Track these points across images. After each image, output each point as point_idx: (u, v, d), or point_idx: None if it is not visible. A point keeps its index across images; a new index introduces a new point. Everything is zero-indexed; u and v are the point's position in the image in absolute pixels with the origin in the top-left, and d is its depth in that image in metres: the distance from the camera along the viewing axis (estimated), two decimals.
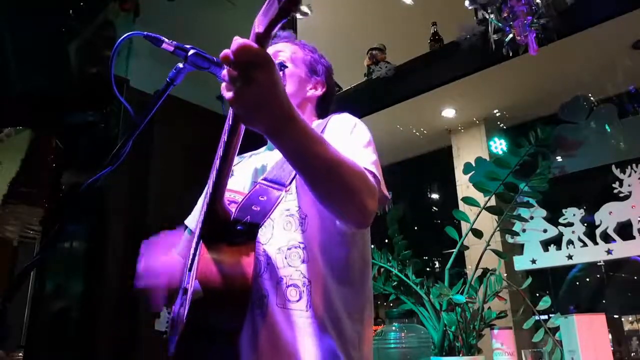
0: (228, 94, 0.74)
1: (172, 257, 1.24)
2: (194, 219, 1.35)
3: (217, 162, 0.89)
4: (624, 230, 2.56)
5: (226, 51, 0.71)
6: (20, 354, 3.07)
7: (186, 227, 1.39)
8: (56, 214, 2.99)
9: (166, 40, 1.08)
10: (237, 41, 0.70)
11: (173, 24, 3.08)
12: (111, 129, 2.78)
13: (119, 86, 1.14)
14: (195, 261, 0.91)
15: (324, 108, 1.32)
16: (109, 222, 2.63)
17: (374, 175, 0.98)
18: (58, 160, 3.10)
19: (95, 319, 2.48)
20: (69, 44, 3.18)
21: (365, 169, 0.96)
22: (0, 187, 3.15)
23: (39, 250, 3.23)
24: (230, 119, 0.82)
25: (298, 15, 0.74)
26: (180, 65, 1.08)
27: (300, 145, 0.81)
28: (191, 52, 1.08)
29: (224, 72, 0.73)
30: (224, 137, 0.85)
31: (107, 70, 2.79)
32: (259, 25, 0.69)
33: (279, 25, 0.67)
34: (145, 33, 1.07)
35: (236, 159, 1.27)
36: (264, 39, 0.69)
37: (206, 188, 1.37)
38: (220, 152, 0.87)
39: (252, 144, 1.01)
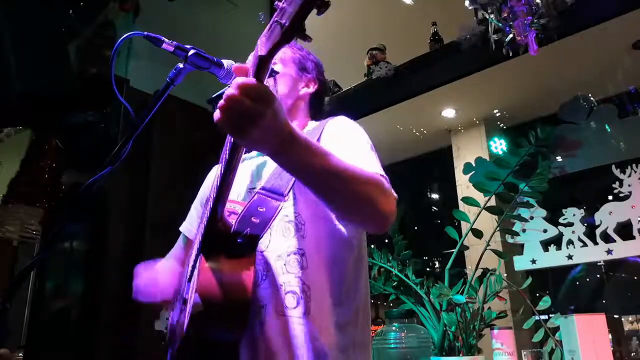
0: (230, 129, 0.75)
1: (164, 272, 1.25)
2: (189, 226, 1.36)
3: (218, 179, 0.90)
4: (624, 230, 2.56)
5: (228, 91, 0.72)
6: (20, 354, 3.06)
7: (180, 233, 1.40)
8: (56, 214, 2.99)
9: (166, 40, 1.08)
10: (237, 82, 0.71)
11: (173, 24, 3.08)
12: (111, 129, 2.78)
13: (119, 86, 1.14)
14: (195, 273, 0.91)
15: (318, 105, 1.31)
16: (109, 222, 2.63)
17: (385, 178, 0.98)
18: (58, 160, 3.10)
19: (95, 319, 2.48)
20: (69, 44, 3.18)
21: (377, 173, 0.96)
22: (0, 187, 3.15)
23: (39, 250, 3.23)
24: (232, 139, 0.83)
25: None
26: (181, 65, 1.08)
27: (304, 161, 0.82)
28: (191, 52, 1.08)
29: (221, 103, 0.73)
30: (225, 155, 0.86)
31: (107, 70, 2.79)
32: (262, 48, 0.69)
33: (282, 48, 0.68)
34: (145, 33, 1.07)
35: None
36: (266, 61, 0.70)
37: (199, 194, 1.38)
38: (221, 169, 0.87)
39: None
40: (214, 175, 1.36)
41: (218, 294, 0.85)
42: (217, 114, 0.73)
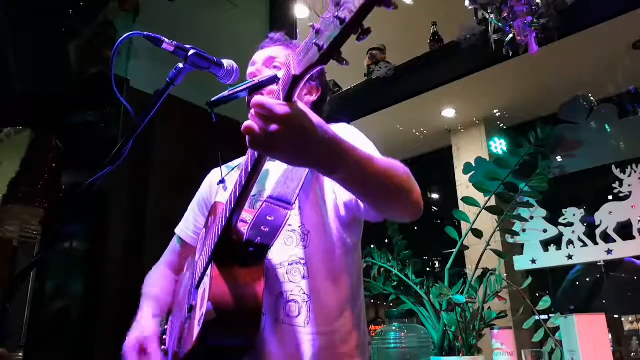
0: (258, 149, 0.75)
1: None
2: (185, 228, 1.35)
3: (237, 189, 0.89)
4: (624, 230, 2.56)
5: (254, 103, 0.71)
6: (20, 354, 3.06)
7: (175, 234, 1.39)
8: (56, 214, 2.99)
9: (166, 40, 1.08)
10: (262, 103, 0.69)
11: (173, 24, 3.08)
12: (111, 129, 2.78)
13: (119, 86, 1.14)
14: (207, 281, 0.91)
15: (318, 112, 1.31)
16: (109, 222, 2.63)
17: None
18: (58, 160, 3.10)
19: (95, 319, 2.48)
20: (69, 44, 3.18)
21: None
22: (0, 187, 3.15)
23: (39, 250, 3.22)
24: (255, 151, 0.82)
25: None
26: (181, 65, 1.08)
27: (353, 173, 0.81)
28: (191, 52, 1.08)
29: (251, 124, 0.71)
30: (248, 166, 0.84)
31: (107, 70, 2.79)
32: (296, 67, 0.68)
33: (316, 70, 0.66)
34: (145, 33, 1.07)
35: (225, 169, 1.28)
36: (299, 81, 0.69)
37: (196, 197, 1.38)
38: (242, 180, 0.86)
39: (238, 151, 0.99)
40: (211, 179, 1.36)
41: (231, 302, 0.86)
42: (247, 140, 0.73)
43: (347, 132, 1.13)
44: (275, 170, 1.14)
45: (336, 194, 1.10)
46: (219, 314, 0.84)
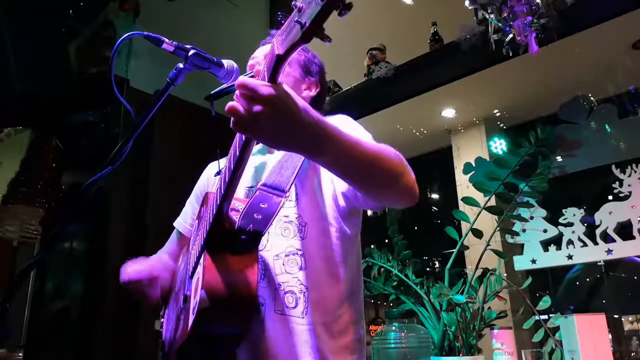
0: (243, 132, 0.75)
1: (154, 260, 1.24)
2: (182, 221, 1.36)
3: (226, 175, 0.89)
4: (624, 230, 2.56)
5: (238, 83, 0.71)
6: (20, 354, 3.06)
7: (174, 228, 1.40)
8: (56, 214, 2.99)
9: (166, 40, 1.08)
10: (245, 83, 0.69)
11: (173, 24, 3.08)
12: (111, 129, 2.78)
13: (119, 86, 1.14)
14: (200, 270, 0.91)
15: (317, 107, 1.31)
16: (109, 222, 2.63)
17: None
18: (58, 160, 3.10)
19: (95, 319, 2.48)
20: (69, 44, 3.18)
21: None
22: (0, 187, 3.15)
23: (39, 250, 3.22)
24: (243, 135, 0.82)
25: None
26: (181, 65, 1.08)
27: (339, 157, 0.80)
28: (191, 52, 1.08)
29: (234, 105, 0.71)
30: (236, 151, 0.85)
31: (107, 70, 2.79)
32: (279, 47, 0.68)
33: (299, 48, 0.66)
34: (145, 33, 1.07)
35: (224, 161, 1.28)
36: (283, 61, 0.69)
37: (194, 190, 1.38)
38: (231, 165, 0.87)
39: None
40: (209, 172, 1.37)
41: (224, 290, 0.86)
42: (231, 121, 0.73)
43: (344, 123, 1.14)
44: (272, 162, 1.14)
45: (334, 184, 1.10)
46: (213, 302, 0.84)
